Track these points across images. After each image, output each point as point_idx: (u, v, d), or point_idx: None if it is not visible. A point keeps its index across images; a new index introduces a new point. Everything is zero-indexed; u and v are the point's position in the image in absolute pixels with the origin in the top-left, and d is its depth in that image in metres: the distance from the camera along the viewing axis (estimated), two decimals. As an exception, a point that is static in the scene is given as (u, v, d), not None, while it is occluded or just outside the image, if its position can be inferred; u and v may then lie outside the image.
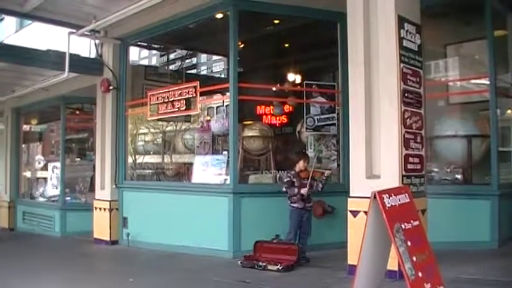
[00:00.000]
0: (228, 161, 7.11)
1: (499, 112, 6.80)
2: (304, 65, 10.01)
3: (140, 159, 10.22)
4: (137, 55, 12.14)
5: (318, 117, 7.54)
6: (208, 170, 7.60)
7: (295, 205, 6.25)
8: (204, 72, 18.18)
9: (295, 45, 9.80)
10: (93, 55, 9.25)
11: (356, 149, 5.38)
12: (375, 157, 5.25)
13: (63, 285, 5.72)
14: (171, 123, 9.84)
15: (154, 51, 12.62)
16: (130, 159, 9.35)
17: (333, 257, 6.11)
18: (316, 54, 9.63)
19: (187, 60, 12.08)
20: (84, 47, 9.50)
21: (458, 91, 7.56)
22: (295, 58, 10.07)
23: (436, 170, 7.32)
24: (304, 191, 6.16)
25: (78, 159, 11.32)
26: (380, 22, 5.21)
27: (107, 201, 8.62)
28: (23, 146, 12.87)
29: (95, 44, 8.84)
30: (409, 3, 5.37)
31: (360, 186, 5.21)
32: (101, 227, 8.65)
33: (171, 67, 11.40)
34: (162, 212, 7.74)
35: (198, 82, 7.64)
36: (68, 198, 10.61)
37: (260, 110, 10.60)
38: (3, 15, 12.48)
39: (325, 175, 6.34)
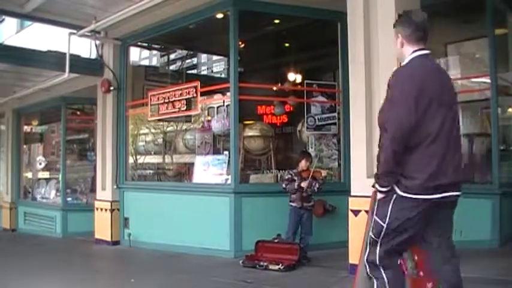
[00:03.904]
0: (228, 160, 7.11)
1: (500, 111, 6.78)
2: (305, 65, 9.99)
3: (141, 159, 10.22)
4: (138, 55, 12.08)
5: (319, 116, 7.55)
6: (209, 170, 7.60)
7: (293, 204, 6.29)
8: (204, 72, 18.09)
9: (295, 45, 9.81)
10: (93, 56, 9.23)
11: (357, 148, 5.37)
12: (375, 156, 5.22)
13: (64, 285, 5.71)
14: (172, 123, 9.84)
15: (154, 52, 12.57)
16: (131, 160, 9.35)
17: (334, 256, 6.11)
18: (316, 54, 9.61)
19: (187, 61, 12.05)
20: (84, 47, 9.49)
21: (459, 90, 7.53)
22: (295, 57, 10.05)
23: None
24: (304, 183, 6.20)
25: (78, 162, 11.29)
26: (380, 21, 5.20)
27: (108, 201, 8.62)
28: (24, 146, 12.90)
29: (96, 45, 8.84)
30: (409, 2, 5.33)
31: (361, 185, 5.19)
32: (102, 227, 8.65)
33: (172, 67, 11.39)
34: (163, 212, 7.74)
35: (199, 82, 7.65)
36: (69, 198, 10.62)
37: (261, 109, 10.57)
38: (3, 17, 12.45)
39: (323, 175, 6.39)
